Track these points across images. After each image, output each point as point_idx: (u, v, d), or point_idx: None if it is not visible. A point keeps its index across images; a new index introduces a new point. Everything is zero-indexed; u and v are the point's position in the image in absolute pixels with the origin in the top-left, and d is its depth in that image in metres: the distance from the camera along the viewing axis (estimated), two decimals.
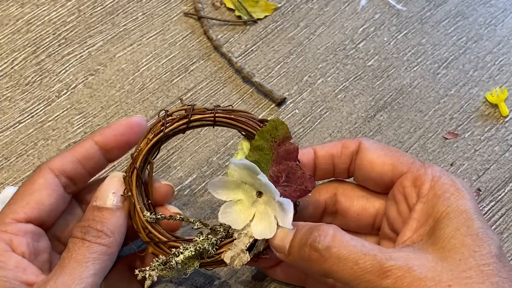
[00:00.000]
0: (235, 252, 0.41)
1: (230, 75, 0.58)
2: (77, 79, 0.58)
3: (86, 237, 0.39)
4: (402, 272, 0.35)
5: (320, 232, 0.38)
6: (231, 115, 0.43)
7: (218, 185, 0.41)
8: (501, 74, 0.58)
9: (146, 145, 0.43)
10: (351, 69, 0.59)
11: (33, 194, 0.41)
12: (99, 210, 0.41)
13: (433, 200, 0.39)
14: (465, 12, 0.62)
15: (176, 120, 0.43)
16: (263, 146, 0.42)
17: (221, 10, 0.62)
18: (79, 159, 0.43)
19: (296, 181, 0.41)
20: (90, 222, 0.40)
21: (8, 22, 0.60)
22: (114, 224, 0.41)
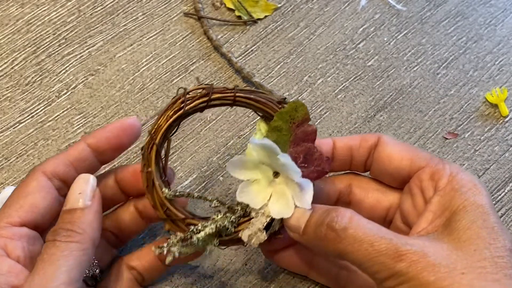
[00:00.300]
0: (253, 230, 0.41)
1: (230, 75, 0.58)
2: (77, 79, 0.58)
3: (57, 238, 0.39)
4: (417, 257, 0.36)
5: (338, 213, 0.38)
6: (251, 95, 0.43)
7: (237, 164, 0.42)
8: (501, 74, 0.58)
9: (165, 122, 0.43)
10: (351, 69, 0.59)
11: (27, 197, 0.41)
12: (68, 212, 0.41)
13: (451, 193, 0.39)
14: (465, 12, 0.62)
15: (196, 98, 0.43)
16: (281, 127, 0.42)
17: (221, 10, 0.62)
18: (71, 162, 0.43)
19: (314, 162, 0.41)
20: (60, 224, 0.40)
21: (8, 22, 0.61)
22: (84, 221, 0.41)
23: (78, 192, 0.42)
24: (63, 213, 0.41)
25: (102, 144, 0.43)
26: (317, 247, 0.40)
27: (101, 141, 0.43)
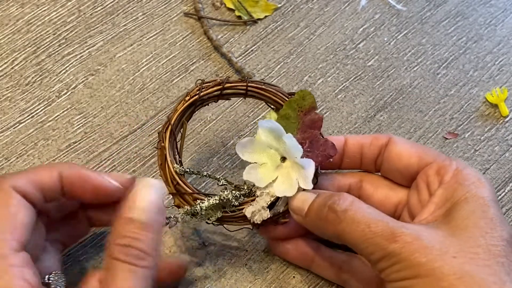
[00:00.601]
0: (256, 208, 0.44)
1: (230, 75, 0.58)
2: (77, 79, 0.58)
3: (131, 260, 0.36)
4: (410, 239, 0.37)
5: (340, 197, 0.40)
6: (263, 85, 0.47)
7: (245, 145, 0.45)
8: (501, 74, 0.58)
9: (182, 105, 0.46)
10: (351, 69, 0.59)
11: (15, 218, 0.38)
12: (137, 225, 0.37)
13: (454, 186, 0.40)
14: (465, 12, 0.62)
15: (211, 86, 0.46)
16: (289, 115, 0.45)
17: (221, 10, 0.62)
18: (41, 187, 0.40)
19: (319, 148, 0.44)
20: (131, 241, 0.37)
21: (8, 22, 0.61)
22: (155, 241, 0.38)
23: (149, 203, 0.38)
24: (129, 223, 0.37)
25: (72, 186, 0.41)
26: (318, 229, 0.42)
27: (72, 183, 0.41)
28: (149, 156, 0.54)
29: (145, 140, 0.55)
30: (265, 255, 0.49)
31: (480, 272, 0.35)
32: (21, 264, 0.36)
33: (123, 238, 0.37)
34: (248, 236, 0.50)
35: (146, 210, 0.38)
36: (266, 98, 0.47)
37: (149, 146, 0.54)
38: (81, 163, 0.53)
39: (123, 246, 0.37)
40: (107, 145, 0.54)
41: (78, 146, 0.54)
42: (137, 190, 0.38)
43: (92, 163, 0.53)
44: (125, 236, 0.37)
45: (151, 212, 0.38)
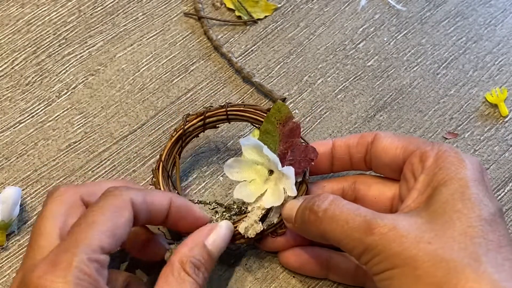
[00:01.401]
0: (249, 223, 0.45)
1: (230, 75, 0.58)
2: (77, 79, 0.58)
3: (199, 281, 0.41)
4: (387, 229, 0.37)
5: (320, 197, 0.41)
6: (242, 107, 0.49)
7: (232, 166, 0.46)
8: (501, 74, 0.59)
9: (170, 141, 0.48)
10: (351, 69, 0.59)
11: (119, 228, 0.39)
12: (209, 256, 0.42)
13: (434, 170, 0.40)
14: (465, 12, 0.62)
15: (194, 118, 0.49)
16: (270, 129, 0.47)
17: (221, 10, 0.62)
18: (151, 211, 0.42)
19: (300, 154, 0.46)
20: (202, 266, 0.41)
21: (9, 22, 0.61)
22: (209, 275, 0.43)
23: (222, 245, 0.44)
24: (205, 251, 0.42)
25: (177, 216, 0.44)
26: (304, 232, 0.43)
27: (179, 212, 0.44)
28: (149, 156, 0.54)
29: (145, 140, 0.55)
30: (265, 255, 0.49)
31: (455, 256, 0.35)
32: (103, 264, 0.37)
33: (196, 260, 0.41)
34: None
35: (217, 248, 0.43)
36: (248, 119, 0.49)
37: (149, 146, 0.54)
38: (81, 163, 0.53)
39: (195, 266, 0.41)
40: (107, 145, 0.54)
41: (78, 146, 0.54)
42: (218, 225, 0.44)
43: (92, 163, 0.54)
44: (198, 259, 0.41)
45: (218, 251, 0.43)
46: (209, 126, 0.50)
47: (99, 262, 0.36)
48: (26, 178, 0.53)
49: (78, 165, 0.53)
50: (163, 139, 0.55)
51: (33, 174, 0.53)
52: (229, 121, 0.50)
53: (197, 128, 0.50)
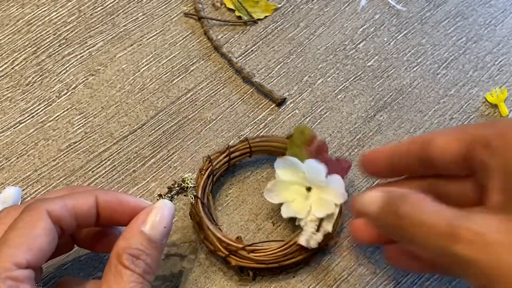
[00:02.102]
0: (308, 235, 0.47)
1: (230, 75, 0.58)
2: (78, 79, 0.58)
3: (140, 272, 0.38)
4: (473, 236, 0.32)
5: (404, 199, 0.37)
6: (263, 138, 0.52)
7: (271, 190, 0.49)
8: (501, 74, 0.59)
9: (201, 179, 0.50)
10: (351, 69, 0.59)
11: (35, 240, 0.38)
12: (149, 241, 0.39)
13: (505, 154, 0.35)
14: (465, 12, 0.62)
15: (217, 156, 0.51)
16: (297, 152, 0.49)
17: (221, 10, 0.62)
18: (76, 214, 0.40)
19: (335, 167, 0.49)
20: (142, 254, 0.39)
21: (9, 23, 0.61)
22: (158, 261, 0.40)
23: (163, 225, 0.40)
24: (143, 237, 0.39)
25: (109, 211, 0.41)
26: (386, 232, 0.39)
27: (110, 208, 0.41)
28: (149, 156, 0.54)
29: (145, 140, 0.55)
30: None
31: None
32: (22, 280, 0.37)
33: (134, 250, 0.39)
34: (248, 236, 0.50)
35: (158, 230, 0.40)
36: (270, 148, 0.51)
37: (149, 146, 0.54)
38: (81, 163, 0.53)
39: (133, 257, 0.39)
40: (107, 145, 0.54)
41: (79, 146, 0.54)
42: (155, 209, 0.41)
43: (92, 163, 0.54)
44: (136, 248, 0.39)
45: (161, 233, 0.40)
46: (233, 162, 0.51)
47: (15, 279, 0.36)
48: (26, 178, 0.53)
49: (78, 165, 0.53)
50: (163, 139, 0.55)
51: (33, 174, 0.53)
52: (251, 154, 0.52)
53: (222, 165, 0.51)
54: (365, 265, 0.50)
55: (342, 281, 0.49)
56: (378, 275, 0.49)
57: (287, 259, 0.48)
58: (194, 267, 0.49)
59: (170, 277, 0.49)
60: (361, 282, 0.49)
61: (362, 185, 0.53)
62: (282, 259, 0.47)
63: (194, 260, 0.49)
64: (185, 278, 0.49)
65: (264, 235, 0.51)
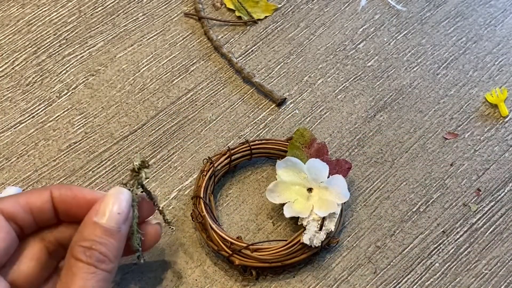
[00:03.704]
0: (311, 234, 0.47)
1: (231, 75, 0.58)
2: (78, 80, 0.58)
3: (92, 262, 0.37)
4: None
5: None
6: (263, 141, 0.52)
7: (273, 190, 0.49)
8: (501, 75, 0.59)
9: (203, 180, 0.50)
10: (351, 69, 0.59)
11: None
12: (102, 230, 0.38)
13: None
14: (464, 12, 0.62)
15: (218, 158, 0.51)
16: (297, 154, 0.50)
17: (222, 10, 0.62)
18: (31, 209, 0.40)
19: (336, 167, 0.50)
20: (94, 244, 0.37)
21: (9, 23, 0.61)
22: (117, 248, 0.38)
23: (117, 212, 0.38)
24: (95, 227, 0.38)
25: (65, 205, 0.40)
26: None
27: (65, 202, 0.40)
28: (149, 157, 0.54)
29: (145, 140, 0.55)
30: None
31: None
32: None
33: (87, 241, 0.37)
34: (248, 236, 0.51)
35: (112, 217, 0.38)
36: (270, 150, 0.52)
37: (149, 146, 0.54)
38: (81, 163, 0.54)
39: (85, 248, 0.37)
40: (107, 145, 0.54)
41: (79, 146, 0.54)
42: (106, 196, 0.39)
43: (93, 163, 0.54)
44: (88, 239, 0.37)
45: (116, 220, 0.38)
46: (234, 164, 0.52)
47: None
48: (27, 178, 0.53)
49: (78, 165, 0.53)
50: (163, 139, 0.55)
51: (34, 174, 0.53)
52: (251, 156, 0.52)
53: (224, 166, 0.51)
54: (365, 265, 0.50)
55: (342, 281, 0.49)
56: (378, 275, 0.49)
57: (290, 258, 0.48)
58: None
59: (170, 277, 0.49)
60: (361, 282, 0.49)
61: (362, 185, 0.53)
62: (285, 258, 0.48)
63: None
64: (186, 278, 0.49)
65: (264, 235, 0.51)
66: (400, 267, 0.50)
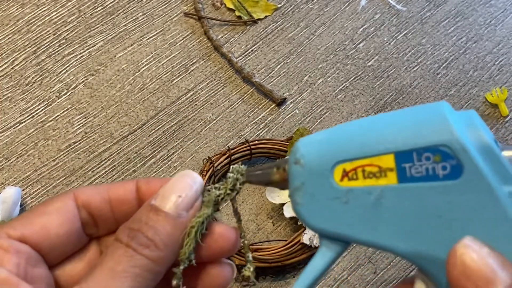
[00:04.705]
0: (311, 234, 0.47)
1: (230, 75, 0.58)
2: (78, 79, 0.58)
3: (132, 244, 0.31)
4: None
5: None
6: (263, 141, 0.52)
7: (272, 190, 0.49)
8: (501, 74, 0.58)
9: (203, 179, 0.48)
10: (351, 69, 0.59)
11: (42, 216, 0.33)
12: (155, 212, 0.32)
13: None
14: (465, 12, 0.62)
15: (218, 158, 0.51)
16: None
17: (221, 10, 0.62)
18: (111, 199, 0.35)
19: None
20: (142, 225, 0.32)
21: (9, 23, 0.61)
22: (170, 235, 0.32)
23: (177, 194, 0.32)
24: (149, 209, 0.32)
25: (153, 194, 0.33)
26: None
27: (154, 192, 0.33)
28: (149, 156, 0.54)
29: (145, 140, 0.55)
30: None
31: None
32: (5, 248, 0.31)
33: (135, 222, 0.32)
34: (248, 236, 0.50)
35: (168, 199, 0.32)
36: (270, 150, 0.52)
37: (149, 146, 0.54)
38: (81, 163, 0.53)
39: (130, 229, 0.32)
40: (107, 145, 0.54)
41: (78, 146, 0.54)
42: (171, 180, 0.33)
43: (92, 163, 0.53)
44: (138, 220, 0.32)
45: (174, 202, 0.32)
46: (234, 163, 0.52)
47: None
48: (26, 178, 0.53)
49: (78, 165, 0.53)
50: (163, 139, 0.55)
51: (33, 174, 0.53)
52: (251, 156, 0.52)
53: (224, 166, 0.51)
54: (365, 265, 0.50)
55: (342, 281, 0.49)
56: (378, 275, 0.49)
57: (290, 258, 0.48)
58: None
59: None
60: (361, 282, 0.49)
61: None
62: (285, 258, 0.48)
63: None
64: None
65: (264, 235, 0.51)
66: (400, 267, 0.49)
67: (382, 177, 0.28)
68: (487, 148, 0.27)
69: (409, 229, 0.28)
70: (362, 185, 0.29)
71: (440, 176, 0.28)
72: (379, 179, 0.28)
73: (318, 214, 0.30)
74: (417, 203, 0.28)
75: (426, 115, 0.28)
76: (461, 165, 0.27)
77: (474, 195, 0.27)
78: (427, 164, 0.28)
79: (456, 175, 0.27)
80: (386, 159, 0.28)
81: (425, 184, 0.28)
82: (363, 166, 0.29)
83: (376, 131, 0.29)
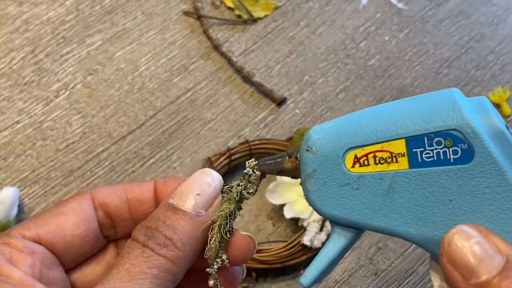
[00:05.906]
0: (311, 235, 0.47)
1: (230, 74, 0.58)
2: (76, 79, 0.57)
3: (149, 244, 0.30)
4: None
5: None
6: (263, 141, 0.52)
7: (273, 191, 0.49)
8: (503, 74, 0.58)
9: None
10: (352, 68, 0.58)
11: (57, 216, 0.32)
12: (173, 211, 0.31)
13: None
14: (466, 11, 0.62)
15: (217, 158, 0.51)
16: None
17: (221, 9, 0.62)
18: (129, 199, 0.34)
19: None
20: (159, 224, 0.30)
21: (6, 21, 0.60)
22: (189, 234, 0.31)
23: (196, 191, 0.31)
24: (167, 208, 0.31)
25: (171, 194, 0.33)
26: None
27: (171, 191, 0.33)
28: (148, 157, 0.54)
29: (144, 140, 0.54)
30: None
31: None
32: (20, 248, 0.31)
33: (152, 221, 0.31)
34: None
35: (188, 197, 0.31)
36: (270, 150, 0.51)
37: (148, 146, 0.54)
38: (79, 163, 0.53)
39: (148, 228, 0.31)
40: (106, 145, 0.54)
41: (77, 146, 0.54)
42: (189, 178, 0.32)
43: (91, 163, 0.53)
44: (155, 219, 0.31)
45: (194, 202, 0.31)
46: (233, 164, 0.51)
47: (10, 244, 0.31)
48: (24, 178, 0.52)
49: (76, 165, 0.53)
50: (162, 139, 0.54)
51: (31, 174, 0.53)
52: (251, 156, 0.50)
53: (223, 166, 0.51)
54: (366, 266, 0.49)
55: (343, 283, 0.49)
56: (380, 277, 0.49)
57: (291, 259, 0.48)
58: None
59: None
60: (362, 284, 0.49)
61: None
62: (285, 259, 0.47)
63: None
64: None
65: (264, 236, 0.50)
66: (402, 268, 0.49)
67: (393, 163, 0.28)
68: (498, 132, 0.28)
69: (421, 214, 0.29)
70: (373, 171, 0.29)
71: (451, 160, 0.28)
72: (390, 164, 0.29)
73: (330, 201, 0.30)
74: (428, 187, 0.28)
75: (436, 101, 0.29)
76: (472, 149, 0.27)
77: (485, 179, 0.27)
78: (438, 149, 0.28)
79: (467, 159, 0.27)
80: (397, 144, 0.28)
81: (436, 169, 0.28)
82: (374, 152, 0.29)
83: (387, 117, 0.29)
